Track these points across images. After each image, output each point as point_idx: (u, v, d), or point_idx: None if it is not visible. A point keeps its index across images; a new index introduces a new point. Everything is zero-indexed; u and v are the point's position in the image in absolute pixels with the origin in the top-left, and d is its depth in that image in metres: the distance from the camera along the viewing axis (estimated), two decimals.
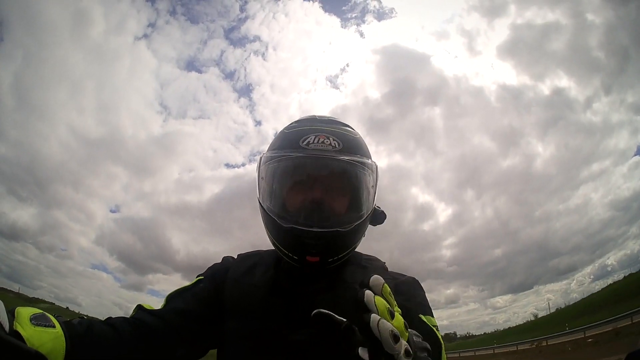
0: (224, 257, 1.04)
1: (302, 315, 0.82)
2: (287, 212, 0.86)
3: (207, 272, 0.99)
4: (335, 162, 0.86)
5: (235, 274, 0.95)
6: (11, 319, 0.58)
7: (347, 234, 0.85)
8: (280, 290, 0.88)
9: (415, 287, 0.96)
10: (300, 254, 0.84)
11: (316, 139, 0.86)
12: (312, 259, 0.84)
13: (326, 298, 0.85)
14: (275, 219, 0.85)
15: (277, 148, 0.90)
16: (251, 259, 0.99)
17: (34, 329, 0.60)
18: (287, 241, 0.86)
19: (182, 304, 0.88)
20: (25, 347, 0.55)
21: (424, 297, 0.94)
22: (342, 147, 0.86)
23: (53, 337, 0.62)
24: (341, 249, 0.87)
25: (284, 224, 0.84)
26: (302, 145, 0.85)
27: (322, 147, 0.85)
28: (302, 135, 0.87)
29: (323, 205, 0.84)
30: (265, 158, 0.91)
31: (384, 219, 0.96)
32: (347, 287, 0.87)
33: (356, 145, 0.90)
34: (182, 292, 0.92)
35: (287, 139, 0.90)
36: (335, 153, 0.85)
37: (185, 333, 0.86)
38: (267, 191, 0.90)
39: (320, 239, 0.82)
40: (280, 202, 0.88)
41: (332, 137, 0.87)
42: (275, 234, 0.87)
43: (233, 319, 0.88)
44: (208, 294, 0.92)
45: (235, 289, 0.91)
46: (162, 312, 0.86)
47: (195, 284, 0.95)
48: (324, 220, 0.83)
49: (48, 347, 0.60)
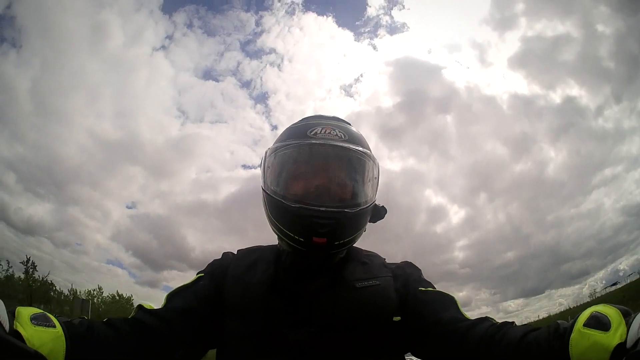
0: (224, 252, 1.03)
1: (303, 315, 0.82)
2: (295, 193, 0.86)
3: (207, 269, 0.98)
4: (342, 149, 0.88)
5: (236, 272, 0.93)
6: (11, 319, 0.58)
7: (353, 217, 0.86)
8: (281, 289, 0.87)
9: (409, 268, 0.97)
10: (306, 235, 0.83)
11: (323, 130, 0.89)
12: (319, 239, 0.82)
13: (327, 297, 0.85)
14: (282, 201, 0.85)
15: (286, 139, 0.93)
16: (251, 255, 0.98)
17: (34, 328, 0.59)
18: (295, 222, 0.84)
19: (183, 303, 0.88)
20: (25, 347, 0.55)
21: (419, 275, 0.96)
22: (347, 138, 0.90)
23: (53, 337, 0.61)
24: (347, 232, 0.86)
25: (292, 204, 0.84)
26: (310, 135, 0.89)
27: (329, 137, 0.88)
28: (309, 127, 0.91)
29: (331, 187, 0.86)
30: (273, 148, 0.93)
31: (384, 214, 0.96)
32: (348, 286, 0.87)
33: (360, 139, 0.94)
34: (183, 290, 0.92)
35: (294, 131, 0.93)
36: (342, 142, 0.88)
37: (185, 333, 0.85)
38: (273, 177, 0.91)
39: (328, 219, 0.82)
40: (288, 185, 0.89)
41: (337, 129, 0.90)
42: (281, 217, 0.87)
43: (233, 318, 0.87)
44: (209, 292, 0.91)
45: (236, 287, 0.90)
46: (162, 311, 0.85)
47: (195, 281, 0.94)
48: (332, 201, 0.85)
49: (48, 347, 0.60)
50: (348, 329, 0.81)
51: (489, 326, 0.74)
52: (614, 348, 0.53)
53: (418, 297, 0.87)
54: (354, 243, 0.91)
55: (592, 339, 0.55)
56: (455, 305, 0.84)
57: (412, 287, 0.90)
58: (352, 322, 0.82)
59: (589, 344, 0.55)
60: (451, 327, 0.78)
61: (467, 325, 0.77)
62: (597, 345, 0.54)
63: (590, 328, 0.56)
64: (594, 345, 0.55)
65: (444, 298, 0.87)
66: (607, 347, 0.53)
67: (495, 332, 0.71)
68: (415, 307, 0.86)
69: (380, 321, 0.84)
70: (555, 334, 0.62)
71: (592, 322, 0.56)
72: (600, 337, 0.54)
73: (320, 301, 0.84)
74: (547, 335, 0.63)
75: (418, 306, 0.85)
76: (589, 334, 0.56)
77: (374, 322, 0.83)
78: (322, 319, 0.82)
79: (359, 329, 0.82)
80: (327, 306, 0.83)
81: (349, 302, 0.84)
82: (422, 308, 0.85)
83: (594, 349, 0.55)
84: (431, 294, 0.88)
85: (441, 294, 0.88)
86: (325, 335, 0.80)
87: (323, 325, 0.81)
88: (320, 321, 0.81)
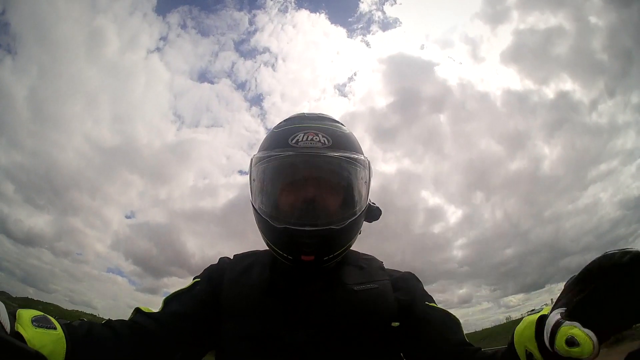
0: (220, 257, 1.03)
1: (300, 316, 0.83)
2: (279, 212, 0.86)
3: (204, 274, 0.98)
4: (325, 158, 0.85)
5: (232, 275, 0.94)
6: (12, 321, 0.59)
7: (341, 231, 0.84)
8: (277, 291, 0.88)
9: (413, 280, 0.97)
10: (294, 254, 0.84)
11: (305, 137, 0.85)
12: (307, 258, 0.83)
13: (324, 299, 0.85)
14: (268, 220, 0.85)
15: (267, 148, 0.90)
16: (247, 259, 0.99)
17: (35, 330, 0.60)
18: (281, 241, 0.85)
19: (180, 307, 0.88)
20: (25, 347, 0.55)
21: (422, 288, 0.97)
22: (331, 143, 0.86)
23: (54, 339, 0.62)
24: (336, 247, 0.86)
25: (277, 224, 0.83)
26: (291, 144, 0.85)
27: (312, 145, 0.85)
28: (290, 134, 0.87)
29: (315, 204, 0.84)
30: (256, 159, 0.91)
31: (380, 214, 0.96)
32: (345, 288, 0.88)
33: (346, 140, 0.90)
34: (180, 294, 0.92)
35: (276, 139, 0.90)
36: (325, 150, 0.85)
37: (183, 336, 0.85)
38: (258, 192, 0.90)
39: (314, 238, 0.81)
40: (272, 202, 0.88)
41: (321, 134, 0.86)
42: (269, 234, 0.87)
43: (230, 321, 0.87)
44: (205, 296, 0.91)
45: (233, 290, 0.91)
46: (160, 315, 0.86)
47: (192, 286, 0.94)
48: (317, 219, 0.82)
49: (49, 349, 0.60)
50: (346, 330, 0.82)
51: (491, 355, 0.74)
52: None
53: (426, 312, 0.88)
54: (346, 252, 0.91)
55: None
56: (461, 329, 0.87)
57: (419, 300, 0.91)
58: (350, 324, 0.83)
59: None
60: (458, 350, 0.80)
61: (473, 351, 0.79)
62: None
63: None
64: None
65: (452, 320, 0.88)
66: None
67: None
68: (420, 321, 0.87)
69: (378, 324, 0.85)
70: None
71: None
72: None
73: (318, 303, 0.85)
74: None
75: (423, 321, 0.87)
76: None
77: (371, 324, 0.84)
78: (319, 321, 0.82)
79: (357, 330, 0.82)
80: (325, 308, 0.84)
81: (347, 304, 0.85)
82: (428, 324, 0.86)
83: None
84: (438, 311, 0.89)
85: (449, 315, 0.89)
86: (323, 336, 0.81)
87: (321, 327, 0.81)
88: (318, 322, 0.82)
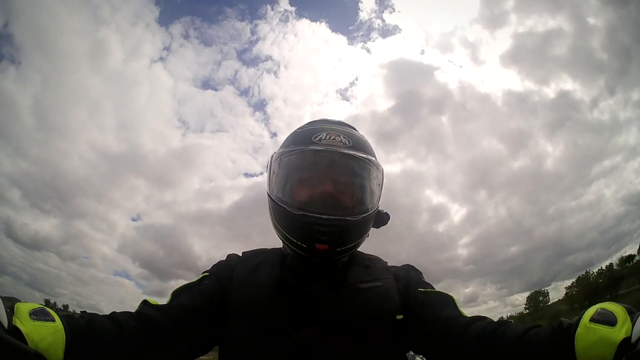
0: (229, 254, 1.04)
1: (307, 314, 0.84)
2: (298, 201, 0.88)
3: (213, 270, 0.99)
4: (346, 156, 0.90)
5: (241, 274, 0.95)
6: (10, 315, 0.57)
7: (355, 224, 0.88)
8: (286, 289, 0.89)
9: (411, 271, 1.00)
10: (309, 242, 0.86)
11: (327, 136, 0.91)
12: (321, 246, 0.85)
13: (331, 297, 0.87)
14: (286, 207, 0.87)
15: (290, 144, 0.94)
16: (256, 257, 1.00)
17: (33, 323, 0.59)
18: (297, 229, 0.87)
19: (188, 300, 0.89)
20: (24, 347, 0.54)
21: (420, 277, 0.99)
22: (352, 144, 0.91)
23: (52, 331, 0.61)
24: (349, 239, 0.89)
25: (295, 211, 0.86)
26: (314, 141, 0.90)
27: (334, 144, 0.90)
28: (313, 133, 0.92)
29: (333, 196, 0.88)
30: (278, 154, 0.95)
31: (388, 220, 0.99)
32: (351, 287, 0.90)
33: (364, 144, 0.95)
34: (188, 288, 0.93)
35: (299, 137, 0.95)
36: (346, 149, 0.90)
37: (189, 329, 0.86)
38: (278, 183, 0.93)
39: (329, 226, 0.84)
40: (292, 192, 0.90)
41: (342, 135, 0.92)
42: (285, 223, 0.90)
43: (238, 318, 0.88)
44: (213, 292, 0.92)
45: (241, 289, 0.91)
46: (167, 307, 0.86)
47: (200, 280, 0.95)
48: (334, 209, 0.86)
49: (47, 341, 0.59)
50: (352, 327, 0.83)
51: (487, 323, 0.76)
52: (620, 343, 0.55)
53: (418, 298, 0.90)
54: (357, 248, 0.94)
55: (599, 333, 0.57)
56: (454, 303, 0.87)
57: (412, 288, 0.93)
58: (356, 321, 0.84)
59: (596, 338, 0.57)
60: (450, 323, 0.81)
61: (466, 322, 0.79)
62: (603, 340, 0.56)
63: (596, 323, 0.58)
64: (600, 339, 0.56)
65: (443, 297, 0.90)
66: (613, 341, 0.55)
67: (496, 329, 0.73)
68: (416, 307, 0.89)
69: (384, 320, 0.87)
70: (559, 329, 0.64)
71: (599, 318, 0.58)
72: (607, 332, 0.56)
73: (325, 301, 0.86)
74: (551, 330, 0.65)
75: (418, 306, 0.89)
76: (595, 328, 0.57)
77: (377, 321, 0.86)
78: (326, 318, 0.84)
79: (363, 327, 0.84)
80: (332, 306, 0.85)
81: (353, 301, 0.87)
82: (422, 308, 0.88)
83: (600, 343, 0.56)
84: (430, 294, 0.91)
85: (440, 294, 0.91)
86: (330, 333, 0.82)
87: (327, 324, 0.83)
88: (325, 320, 0.83)
